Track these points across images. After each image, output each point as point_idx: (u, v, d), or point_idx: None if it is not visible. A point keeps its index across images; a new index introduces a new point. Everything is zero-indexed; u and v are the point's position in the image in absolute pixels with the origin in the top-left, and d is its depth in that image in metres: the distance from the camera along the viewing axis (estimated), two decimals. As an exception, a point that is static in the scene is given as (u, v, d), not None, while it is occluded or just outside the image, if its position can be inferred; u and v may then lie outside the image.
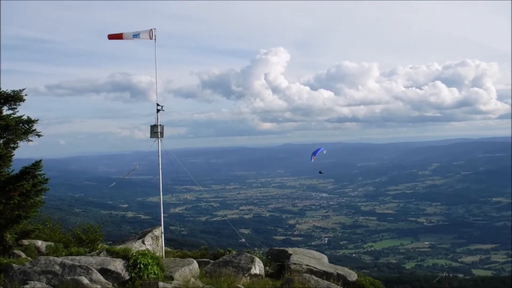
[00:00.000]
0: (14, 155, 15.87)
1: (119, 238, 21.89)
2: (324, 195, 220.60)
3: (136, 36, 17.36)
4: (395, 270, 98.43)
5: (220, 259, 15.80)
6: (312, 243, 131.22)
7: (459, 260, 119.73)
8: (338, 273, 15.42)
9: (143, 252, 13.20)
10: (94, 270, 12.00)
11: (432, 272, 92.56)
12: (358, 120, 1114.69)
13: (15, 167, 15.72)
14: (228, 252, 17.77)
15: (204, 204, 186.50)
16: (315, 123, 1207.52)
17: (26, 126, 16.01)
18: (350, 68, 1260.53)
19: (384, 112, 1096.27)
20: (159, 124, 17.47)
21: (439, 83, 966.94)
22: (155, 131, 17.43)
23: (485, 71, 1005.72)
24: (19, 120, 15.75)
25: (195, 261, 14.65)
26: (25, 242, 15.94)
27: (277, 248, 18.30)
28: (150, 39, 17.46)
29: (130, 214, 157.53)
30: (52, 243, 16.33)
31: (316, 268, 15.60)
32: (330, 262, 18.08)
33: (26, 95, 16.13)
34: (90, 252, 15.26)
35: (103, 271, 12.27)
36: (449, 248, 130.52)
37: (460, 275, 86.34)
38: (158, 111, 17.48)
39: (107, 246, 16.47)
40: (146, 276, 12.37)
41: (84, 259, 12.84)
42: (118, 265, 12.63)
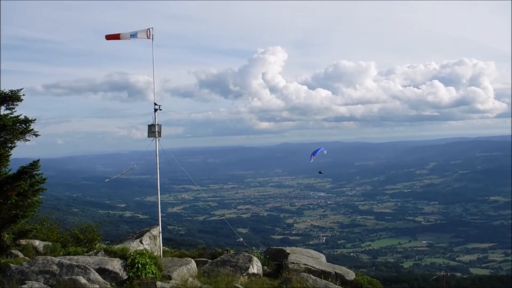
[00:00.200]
0: (11, 154, 15.83)
1: (117, 237, 21.87)
2: (322, 194, 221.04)
3: (133, 36, 17.33)
4: (393, 269, 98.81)
5: (218, 259, 15.78)
6: (310, 242, 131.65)
7: (457, 259, 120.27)
8: (336, 272, 15.42)
9: (141, 252, 13.18)
10: (92, 270, 11.99)
11: (430, 271, 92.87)
12: (356, 119, 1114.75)
13: (12, 167, 15.69)
14: (226, 252, 17.79)
15: (202, 203, 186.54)
16: (312, 122, 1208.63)
17: (24, 125, 15.92)
18: (347, 67, 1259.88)
19: (381, 111, 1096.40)
20: (156, 123, 17.39)
21: (436, 82, 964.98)
22: (153, 130, 17.37)
23: (482, 70, 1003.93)
24: (17, 120, 15.68)
25: (193, 260, 14.64)
26: (22, 242, 15.93)
27: (275, 247, 18.27)
28: (148, 38, 17.42)
29: (128, 214, 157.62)
30: (50, 243, 16.28)
31: (314, 267, 15.59)
32: (328, 261, 18.09)
33: (24, 95, 16.08)
34: (88, 252, 15.22)
35: (101, 270, 12.26)
36: (446, 247, 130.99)
37: (458, 274, 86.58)
38: (156, 110, 17.43)
39: (105, 246, 16.42)
40: (144, 276, 12.37)
41: (82, 259, 12.81)
42: (116, 264, 12.63)
